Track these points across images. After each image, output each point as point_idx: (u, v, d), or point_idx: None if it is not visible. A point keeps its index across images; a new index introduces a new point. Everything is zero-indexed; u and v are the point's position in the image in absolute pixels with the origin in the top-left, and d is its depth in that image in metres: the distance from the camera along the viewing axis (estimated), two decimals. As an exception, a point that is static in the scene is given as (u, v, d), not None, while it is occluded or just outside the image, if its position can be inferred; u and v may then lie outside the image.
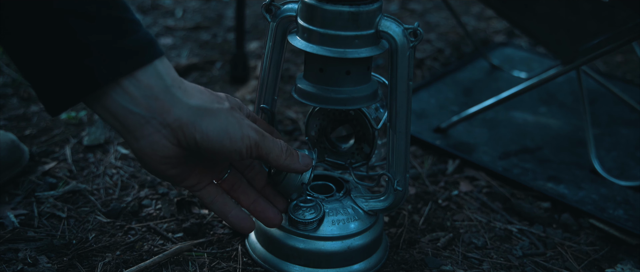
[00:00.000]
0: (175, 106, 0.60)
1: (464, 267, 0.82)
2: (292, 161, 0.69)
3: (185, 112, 0.60)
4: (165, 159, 0.62)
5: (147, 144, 0.61)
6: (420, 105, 1.23)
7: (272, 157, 0.67)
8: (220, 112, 0.62)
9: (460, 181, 1.01)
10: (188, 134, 0.60)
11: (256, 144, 0.64)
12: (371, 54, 0.68)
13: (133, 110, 0.59)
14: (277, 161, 0.68)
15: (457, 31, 1.64)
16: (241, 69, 1.32)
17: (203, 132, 0.61)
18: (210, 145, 0.61)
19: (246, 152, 0.64)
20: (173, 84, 0.60)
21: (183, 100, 0.60)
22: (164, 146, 0.61)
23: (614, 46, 0.95)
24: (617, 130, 1.18)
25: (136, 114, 0.59)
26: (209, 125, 0.61)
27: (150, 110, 0.59)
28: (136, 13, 1.70)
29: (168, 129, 0.60)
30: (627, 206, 0.96)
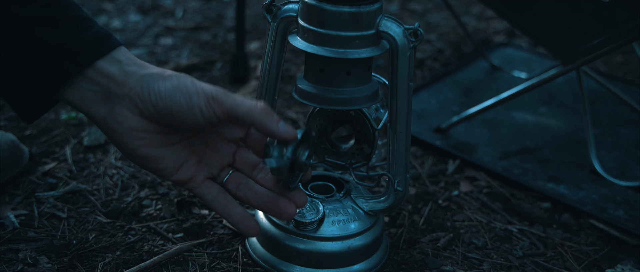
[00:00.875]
0: (129, 78, 0.63)
1: (464, 267, 0.82)
2: (270, 119, 0.64)
3: (138, 80, 0.63)
4: (132, 131, 0.64)
5: (112, 119, 0.64)
6: (420, 105, 1.23)
7: (241, 111, 0.63)
8: (172, 76, 0.64)
9: (460, 181, 1.01)
10: (144, 99, 0.63)
11: (214, 97, 0.63)
12: (372, 54, 0.68)
13: (97, 92, 0.64)
14: (250, 116, 0.63)
15: (457, 31, 1.64)
16: (241, 69, 1.32)
17: (156, 92, 0.63)
18: (167, 105, 0.63)
19: (206, 108, 0.62)
20: (129, 63, 0.64)
21: (137, 72, 0.64)
22: (126, 117, 0.63)
23: (614, 46, 0.95)
24: (617, 130, 1.18)
25: (99, 95, 0.64)
26: (161, 86, 0.63)
27: (109, 88, 0.63)
28: (136, 13, 1.70)
29: (126, 100, 0.63)
30: (628, 206, 0.96)
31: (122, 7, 1.74)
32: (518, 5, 1.14)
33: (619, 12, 0.96)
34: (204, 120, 0.63)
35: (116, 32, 1.56)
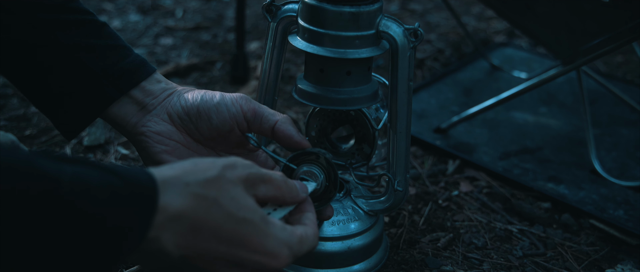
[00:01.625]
0: (165, 92, 0.69)
1: (464, 267, 0.82)
2: (291, 125, 0.67)
3: (172, 93, 0.69)
4: (158, 135, 0.67)
5: (142, 124, 0.68)
6: (420, 105, 1.23)
7: (266, 112, 0.67)
8: (202, 89, 0.70)
9: (460, 181, 1.01)
10: (174, 104, 0.68)
11: (241, 97, 0.67)
12: (372, 54, 0.68)
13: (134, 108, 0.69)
14: (273, 116, 0.67)
15: (457, 31, 1.64)
16: (241, 69, 1.32)
17: (185, 98, 0.68)
18: (194, 105, 0.67)
19: (232, 105, 0.66)
20: (167, 82, 0.70)
21: (174, 88, 0.70)
22: (155, 122, 0.68)
23: (614, 46, 0.95)
24: (617, 130, 1.18)
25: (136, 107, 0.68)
26: (191, 94, 0.68)
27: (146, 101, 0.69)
28: (136, 13, 1.70)
29: (159, 107, 0.68)
30: (628, 206, 0.96)
31: (122, 7, 1.74)
32: (518, 5, 1.14)
33: (619, 12, 0.96)
34: (229, 117, 0.66)
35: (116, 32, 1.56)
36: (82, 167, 0.45)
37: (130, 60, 0.69)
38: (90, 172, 0.45)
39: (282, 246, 0.54)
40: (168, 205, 0.48)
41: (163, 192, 0.48)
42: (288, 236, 0.55)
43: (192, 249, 0.50)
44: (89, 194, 0.44)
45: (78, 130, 0.69)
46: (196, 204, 0.49)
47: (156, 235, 0.48)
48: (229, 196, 0.51)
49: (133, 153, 1.04)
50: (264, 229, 0.53)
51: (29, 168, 0.42)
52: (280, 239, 0.54)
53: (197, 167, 0.51)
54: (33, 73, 0.67)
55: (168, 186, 0.48)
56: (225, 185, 0.51)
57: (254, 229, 0.52)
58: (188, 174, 0.50)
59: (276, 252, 0.53)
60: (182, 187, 0.49)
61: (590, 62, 1.01)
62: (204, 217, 0.50)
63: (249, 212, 0.52)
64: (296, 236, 0.56)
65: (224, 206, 0.51)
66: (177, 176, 0.50)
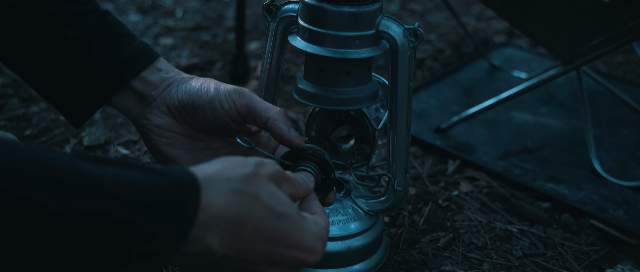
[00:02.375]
0: (164, 82, 0.70)
1: (464, 267, 0.82)
2: (284, 121, 0.66)
3: (170, 83, 0.70)
4: (159, 128, 0.69)
5: (143, 116, 0.69)
6: (420, 105, 1.23)
7: (260, 107, 0.66)
8: (200, 78, 0.70)
9: (460, 181, 1.01)
10: (172, 96, 0.68)
11: (235, 91, 0.67)
12: (371, 54, 0.68)
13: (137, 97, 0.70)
14: (266, 112, 0.66)
15: (457, 31, 1.64)
16: (241, 69, 1.32)
17: (182, 90, 0.68)
18: (190, 99, 0.67)
19: (225, 100, 0.66)
20: (167, 70, 0.70)
21: (172, 77, 0.70)
22: (155, 115, 0.69)
23: (614, 46, 0.95)
24: (617, 130, 1.18)
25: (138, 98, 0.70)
26: (188, 85, 0.69)
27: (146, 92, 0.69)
28: (136, 13, 1.70)
29: (158, 99, 0.69)
30: (628, 206, 0.96)
31: (122, 7, 1.74)
32: (518, 5, 1.14)
33: (619, 12, 0.96)
34: (223, 113, 0.67)
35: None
36: (123, 169, 0.45)
37: (132, 49, 0.69)
38: (132, 174, 0.45)
39: (317, 239, 0.54)
40: (211, 203, 0.48)
41: (205, 189, 0.48)
42: (319, 229, 0.55)
43: (235, 247, 0.50)
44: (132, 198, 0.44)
45: (84, 119, 0.71)
46: (239, 200, 0.49)
47: (200, 234, 0.47)
48: (268, 191, 0.52)
49: (133, 153, 1.04)
50: (300, 224, 0.53)
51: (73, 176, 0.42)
52: (315, 233, 0.54)
53: (233, 164, 0.52)
54: (38, 65, 0.68)
55: (209, 183, 0.48)
56: (262, 180, 0.52)
57: (293, 224, 0.53)
58: (227, 170, 0.50)
59: (313, 247, 0.54)
60: (224, 183, 0.49)
61: (590, 62, 1.00)
62: (248, 214, 0.50)
63: (286, 207, 0.53)
64: (324, 229, 0.56)
65: (264, 202, 0.51)
66: (217, 172, 0.50)
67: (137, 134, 1.09)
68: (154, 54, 0.71)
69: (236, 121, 0.68)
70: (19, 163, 0.40)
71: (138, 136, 1.09)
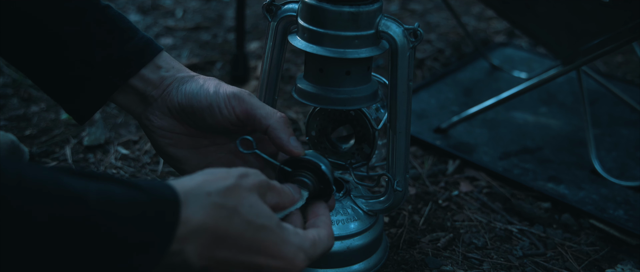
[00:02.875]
0: (165, 81, 0.69)
1: (464, 267, 0.82)
2: (284, 129, 0.65)
3: (170, 83, 0.69)
4: (161, 130, 0.68)
5: (145, 117, 0.69)
6: (420, 105, 1.23)
7: (259, 113, 0.65)
8: (200, 77, 0.69)
9: (460, 181, 1.01)
10: (172, 98, 0.67)
11: (235, 96, 0.65)
12: (371, 54, 0.68)
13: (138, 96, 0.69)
14: (266, 120, 0.65)
15: (457, 31, 1.64)
16: (241, 69, 1.32)
17: (182, 92, 0.67)
18: (189, 102, 0.67)
19: (225, 106, 0.65)
20: (168, 68, 0.69)
21: (172, 76, 0.69)
22: (157, 116, 0.68)
23: (614, 46, 0.95)
24: (617, 130, 1.18)
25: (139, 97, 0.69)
26: (188, 87, 0.67)
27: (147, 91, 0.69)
28: (136, 13, 1.70)
29: (159, 100, 0.68)
30: (628, 206, 0.95)
31: (122, 7, 1.74)
32: (518, 5, 1.14)
33: (619, 12, 0.96)
34: (222, 118, 0.66)
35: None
36: (106, 184, 0.46)
37: (133, 44, 0.68)
38: (115, 188, 0.46)
39: (298, 250, 0.55)
40: (191, 217, 0.48)
41: (185, 204, 0.48)
42: (301, 240, 0.56)
43: (214, 259, 0.50)
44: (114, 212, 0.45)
45: (88, 116, 0.71)
46: (217, 213, 0.50)
47: (179, 248, 0.48)
48: (248, 203, 0.52)
49: (133, 153, 1.04)
50: (280, 234, 0.54)
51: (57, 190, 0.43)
52: (295, 244, 0.55)
53: (215, 177, 0.52)
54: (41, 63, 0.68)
55: (190, 197, 0.49)
56: (243, 193, 0.52)
57: (271, 235, 0.53)
58: (208, 183, 0.51)
59: (292, 257, 0.54)
60: (204, 197, 0.50)
61: (590, 62, 1.00)
62: (225, 227, 0.50)
63: (266, 218, 0.53)
64: (309, 240, 0.57)
65: (244, 214, 0.51)
66: (198, 186, 0.50)
67: (137, 134, 1.09)
68: (156, 48, 0.69)
69: (236, 125, 0.67)
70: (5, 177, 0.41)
71: (138, 136, 1.09)
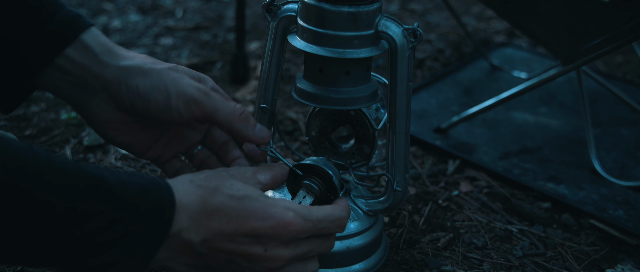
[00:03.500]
0: (106, 71, 0.62)
1: (464, 267, 0.82)
2: (247, 125, 0.65)
3: (115, 73, 0.62)
4: (108, 123, 0.65)
5: (88, 109, 0.64)
6: (420, 105, 1.23)
7: (220, 116, 0.64)
8: (152, 71, 0.62)
9: (460, 181, 1.01)
10: (121, 95, 0.62)
11: (195, 100, 0.62)
12: (370, 54, 0.68)
13: (71, 82, 0.62)
14: (229, 122, 0.64)
15: (457, 31, 1.64)
16: (241, 69, 1.32)
17: (134, 90, 0.62)
18: (144, 104, 0.62)
19: (185, 109, 0.62)
20: (102, 51, 0.62)
21: (112, 63, 0.62)
22: (103, 110, 0.64)
23: (614, 46, 0.95)
24: (617, 130, 1.18)
25: (75, 85, 0.62)
26: (140, 83, 0.62)
27: (85, 79, 0.62)
28: (136, 13, 1.70)
29: (104, 93, 0.63)
30: (628, 206, 0.95)
31: (122, 7, 1.74)
32: (518, 5, 1.14)
33: (619, 12, 0.96)
34: (181, 120, 0.64)
35: (116, 32, 1.56)
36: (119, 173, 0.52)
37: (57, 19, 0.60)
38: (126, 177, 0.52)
39: (285, 209, 0.58)
40: (181, 200, 0.54)
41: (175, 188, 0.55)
42: (289, 204, 0.59)
43: (211, 231, 0.55)
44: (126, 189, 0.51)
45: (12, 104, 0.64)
46: (201, 192, 0.56)
47: (178, 229, 0.54)
48: (228, 183, 0.58)
49: (133, 153, 1.04)
50: (265, 200, 0.58)
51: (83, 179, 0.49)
52: (281, 205, 0.58)
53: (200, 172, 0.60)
54: None
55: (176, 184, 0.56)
56: (223, 178, 0.58)
57: (256, 201, 0.57)
58: (191, 175, 0.59)
59: (280, 216, 0.57)
60: (187, 183, 0.57)
61: (590, 62, 1.00)
62: (211, 202, 0.56)
63: (248, 190, 0.58)
64: (299, 205, 0.60)
65: (225, 191, 0.57)
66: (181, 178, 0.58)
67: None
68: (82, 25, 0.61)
69: (194, 126, 0.70)
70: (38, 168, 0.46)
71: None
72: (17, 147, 0.46)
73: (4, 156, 0.45)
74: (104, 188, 0.49)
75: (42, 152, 0.48)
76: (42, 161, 0.47)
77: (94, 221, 0.48)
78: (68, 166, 0.48)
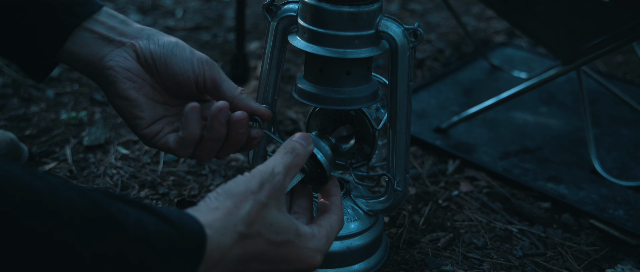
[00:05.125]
0: (130, 29, 0.69)
1: (464, 267, 0.82)
2: (249, 99, 0.70)
3: (139, 31, 0.70)
4: (127, 71, 0.68)
5: (110, 59, 0.68)
6: (420, 105, 1.23)
7: (225, 86, 0.68)
8: (172, 37, 0.70)
9: (460, 181, 1.01)
10: (143, 46, 0.68)
11: (207, 62, 0.69)
12: (371, 54, 0.68)
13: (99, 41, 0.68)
14: (232, 94, 0.68)
15: (457, 31, 1.64)
16: (241, 69, 1.32)
17: (156, 42, 0.69)
18: (164, 54, 0.68)
19: (198, 66, 0.68)
20: (123, 19, 0.71)
21: (134, 25, 0.70)
22: (125, 58, 0.68)
23: (614, 46, 0.95)
24: (617, 130, 1.18)
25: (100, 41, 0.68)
26: (162, 39, 0.69)
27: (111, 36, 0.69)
28: (136, 13, 1.70)
29: (127, 45, 0.68)
30: (628, 206, 0.95)
31: (122, 7, 1.74)
32: (518, 5, 1.14)
33: (619, 12, 0.96)
34: (192, 77, 0.68)
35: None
36: (142, 212, 0.49)
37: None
38: (149, 218, 0.49)
39: (315, 253, 0.61)
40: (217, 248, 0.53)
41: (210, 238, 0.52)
42: (318, 243, 0.61)
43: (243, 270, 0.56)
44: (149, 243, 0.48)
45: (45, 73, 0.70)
46: (244, 242, 0.55)
47: None
48: (268, 223, 0.57)
49: (133, 153, 1.04)
50: (299, 244, 0.59)
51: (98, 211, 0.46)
52: (312, 248, 0.60)
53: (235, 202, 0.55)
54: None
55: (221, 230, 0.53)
56: (263, 213, 0.57)
57: (292, 247, 0.59)
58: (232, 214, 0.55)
59: (311, 260, 0.60)
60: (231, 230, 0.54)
61: (590, 62, 1.00)
62: (251, 250, 0.56)
63: (286, 234, 0.58)
64: (323, 238, 0.62)
65: (266, 236, 0.57)
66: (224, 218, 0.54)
67: (137, 134, 1.09)
68: (99, 3, 0.70)
69: (199, 90, 0.70)
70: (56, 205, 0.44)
71: (138, 135, 1.09)
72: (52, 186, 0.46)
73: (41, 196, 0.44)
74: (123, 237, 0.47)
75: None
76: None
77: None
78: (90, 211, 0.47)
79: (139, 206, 0.50)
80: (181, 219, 0.51)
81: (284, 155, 0.62)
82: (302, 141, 0.65)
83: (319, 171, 0.70)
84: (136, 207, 0.49)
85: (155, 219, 0.49)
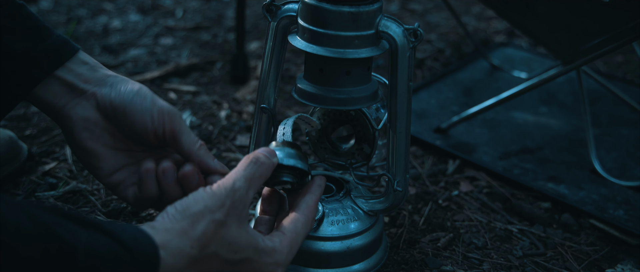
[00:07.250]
0: (95, 75, 0.68)
1: (464, 267, 0.82)
2: (208, 154, 0.67)
3: (103, 78, 0.68)
4: (85, 121, 0.66)
5: (70, 107, 0.67)
6: (420, 105, 1.23)
7: (185, 139, 0.66)
8: (136, 83, 0.68)
9: (460, 181, 1.01)
10: (103, 94, 0.67)
11: (169, 112, 0.66)
12: (371, 54, 0.68)
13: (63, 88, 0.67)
14: (189, 148, 0.66)
15: (457, 31, 1.64)
16: (241, 69, 1.32)
17: (117, 90, 0.67)
18: (123, 103, 0.66)
19: (157, 118, 0.65)
20: (96, 67, 0.69)
21: (102, 71, 0.69)
22: (83, 107, 0.67)
23: (614, 46, 0.95)
24: (617, 130, 1.18)
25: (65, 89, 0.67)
26: (123, 87, 0.67)
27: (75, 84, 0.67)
28: (136, 13, 1.70)
29: (88, 93, 0.67)
30: (628, 206, 0.96)
31: (122, 7, 1.74)
32: (518, 5, 1.14)
33: (619, 12, 0.96)
34: (151, 128, 0.65)
35: (116, 32, 1.56)
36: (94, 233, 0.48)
37: (52, 40, 0.67)
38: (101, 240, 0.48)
39: (276, 267, 0.61)
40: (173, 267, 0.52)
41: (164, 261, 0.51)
42: (278, 256, 0.61)
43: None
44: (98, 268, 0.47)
45: (4, 113, 0.69)
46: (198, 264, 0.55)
47: None
48: (226, 242, 0.57)
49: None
50: (257, 260, 0.60)
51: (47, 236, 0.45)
52: (272, 263, 0.61)
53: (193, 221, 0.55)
54: None
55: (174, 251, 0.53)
56: (221, 232, 0.56)
57: (250, 264, 0.59)
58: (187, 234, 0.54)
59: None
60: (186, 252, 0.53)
61: (590, 62, 1.00)
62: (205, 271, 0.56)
63: (245, 252, 0.58)
64: (285, 248, 0.62)
65: (222, 256, 0.57)
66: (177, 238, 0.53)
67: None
68: (75, 46, 0.69)
69: (158, 141, 0.68)
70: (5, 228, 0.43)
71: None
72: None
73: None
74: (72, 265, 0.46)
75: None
76: None
77: None
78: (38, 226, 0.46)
79: (91, 226, 0.49)
80: (135, 239, 0.50)
81: (247, 167, 0.61)
82: (266, 152, 0.64)
83: (298, 174, 0.69)
84: (88, 228, 0.48)
85: (108, 240, 0.48)
